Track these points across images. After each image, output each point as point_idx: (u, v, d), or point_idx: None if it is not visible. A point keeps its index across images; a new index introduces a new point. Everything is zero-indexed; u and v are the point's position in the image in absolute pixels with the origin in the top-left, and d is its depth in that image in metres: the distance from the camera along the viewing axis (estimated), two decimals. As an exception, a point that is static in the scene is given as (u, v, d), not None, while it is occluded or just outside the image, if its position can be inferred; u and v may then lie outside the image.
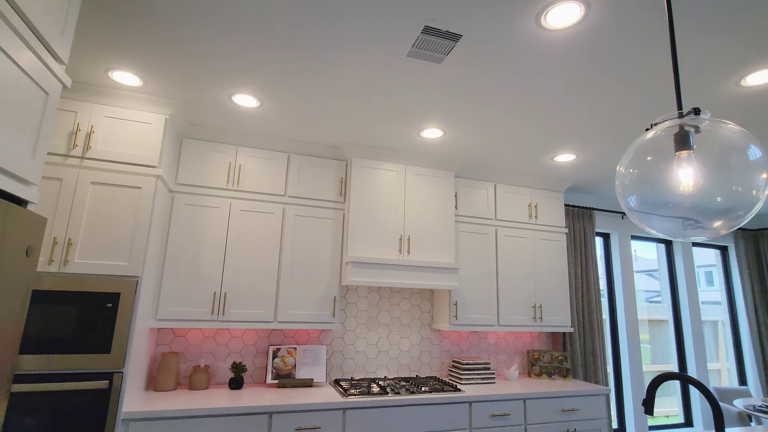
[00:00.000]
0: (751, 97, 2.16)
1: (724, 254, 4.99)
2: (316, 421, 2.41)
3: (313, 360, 2.95)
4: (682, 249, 4.61)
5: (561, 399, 3.01)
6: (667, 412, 5.19)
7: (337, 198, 3.04)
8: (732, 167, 0.89)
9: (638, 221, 1.01)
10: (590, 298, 3.80)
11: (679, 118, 0.95)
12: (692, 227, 0.92)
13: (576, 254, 3.87)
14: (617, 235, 4.29)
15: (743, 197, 0.87)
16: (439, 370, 3.37)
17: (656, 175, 0.94)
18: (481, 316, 3.24)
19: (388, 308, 3.31)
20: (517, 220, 3.50)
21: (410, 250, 3.03)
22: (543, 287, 3.47)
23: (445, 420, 2.67)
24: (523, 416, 2.88)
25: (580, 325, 3.75)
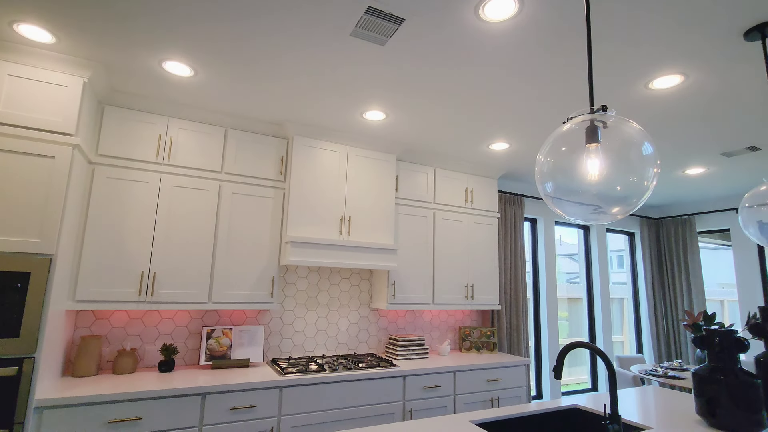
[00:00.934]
0: (658, 99, 2.42)
1: (631, 239, 5.61)
2: (251, 400, 2.40)
3: (249, 340, 2.91)
4: (597, 235, 5.10)
5: (487, 370, 3.25)
6: (578, 380, 5.80)
7: (278, 177, 2.97)
8: (630, 160, 1.02)
9: (553, 206, 1.12)
10: (517, 278, 4.11)
11: (590, 114, 1.06)
12: (596, 212, 1.04)
13: (506, 237, 4.14)
14: (543, 220, 4.64)
15: (637, 187, 1.00)
16: (376, 347, 3.48)
17: (569, 164, 1.05)
18: (418, 296, 3.38)
19: (328, 288, 3.35)
20: (454, 204, 3.66)
21: (351, 230, 3.07)
22: (475, 268, 3.69)
23: (381, 393, 2.79)
24: (453, 387, 3.09)
25: (506, 303, 4.05)
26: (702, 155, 3.39)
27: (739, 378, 1.76)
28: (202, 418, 2.29)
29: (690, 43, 1.87)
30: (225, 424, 2.32)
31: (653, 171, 0.99)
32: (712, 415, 1.80)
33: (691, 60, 2.00)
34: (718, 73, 2.11)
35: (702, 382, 1.85)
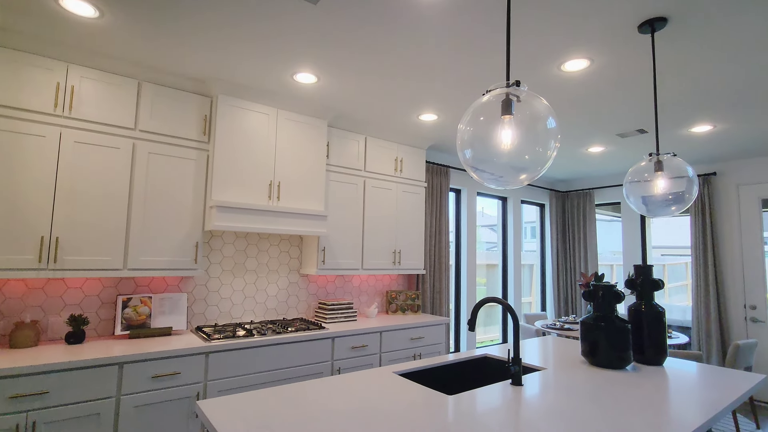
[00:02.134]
0: (570, 80, 2.66)
1: (542, 211, 6.19)
2: (175, 367, 2.35)
3: (171, 308, 2.80)
4: (513, 206, 5.56)
5: (410, 329, 3.48)
6: (492, 337, 6.43)
7: (201, 137, 2.80)
8: (537, 132, 1.15)
9: (471, 172, 1.23)
10: (441, 244, 4.37)
11: (506, 88, 1.16)
12: (506, 178, 1.17)
13: (432, 206, 4.36)
14: (466, 191, 4.94)
15: (541, 156, 1.13)
16: (306, 312, 3.54)
17: (486, 133, 1.15)
18: (347, 261, 3.46)
19: (256, 254, 3.29)
20: (384, 173, 3.75)
21: (280, 196, 3.02)
22: (403, 235, 3.85)
23: (310, 355, 2.87)
24: (379, 346, 3.27)
25: (431, 268, 4.31)
26: (602, 135, 3.81)
27: (615, 324, 2.10)
28: (120, 388, 2.19)
29: (594, 30, 2.07)
30: (146, 393, 2.25)
31: (554, 144, 1.13)
32: (593, 355, 2.14)
33: (595, 46, 2.22)
34: (617, 60, 2.37)
35: (587, 329, 2.18)
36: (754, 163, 4.44)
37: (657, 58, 2.31)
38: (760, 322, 4.31)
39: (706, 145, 4.05)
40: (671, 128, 3.55)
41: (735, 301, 4.47)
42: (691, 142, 3.94)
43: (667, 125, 3.48)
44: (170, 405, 2.33)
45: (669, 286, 10.57)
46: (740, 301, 4.43)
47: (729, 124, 3.39)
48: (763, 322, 4.29)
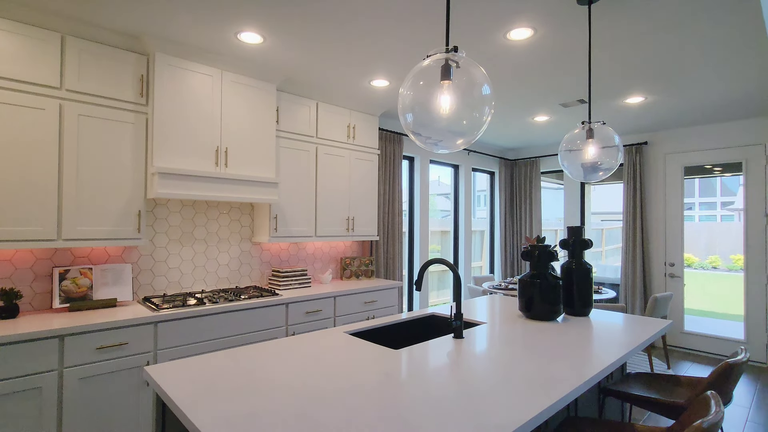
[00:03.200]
0: (515, 48, 2.73)
1: (492, 178, 6.43)
2: (122, 337, 2.30)
3: (115, 279, 2.70)
4: (464, 174, 5.72)
5: (364, 293, 3.59)
6: (444, 300, 6.75)
7: (137, 99, 2.63)
8: (474, 98, 1.20)
9: (412, 137, 1.27)
10: (394, 211, 4.45)
11: (446, 53, 1.19)
12: (444, 142, 1.22)
13: (385, 173, 4.40)
14: (419, 158, 5.01)
15: (477, 122, 1.19)
16: (259, 280, 3.53)
17: (425, 98, 1.19)
18: (300, 229, 3.46)
19: (205, 223, 3.21)
20: (337, 140, 3.72)
21: (228, 162, 2.93)
22: (356, 202, 3.89)
23: (264, 321, 2.90)
24: (333, 310, 3.36)
25: (384, 235, 4.40)
26: (546, 104, 3.97)
27: (548, 281, 2.29)
28: (62, 361, 2.13)
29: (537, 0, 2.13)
30: (92, 364, 2.20)
31: (489, 110, 1.18)
32: (528, 309, 2.34)
33: (538, 15, 2.29)
34: (558, 30, 2.46)
35: (524, 286, 2.36)
36: (680, 133, 4.82)
37: (593, 29, 2.42)
38: (677, 278, 4.83)
39: (638, 116, 4.34)
40: (607, 99, 3.76)
41: (657, 259, 4.96)
42: (625, 112, 4.20)
43: (603, 96, 3.68)
44: (119, 375, 2.29)
45: (606, 248, 11.49)
46: (661, 259, 4.93)
47: (659, 96, 3.65)
48: (679, 277, 4.82)
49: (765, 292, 4.28)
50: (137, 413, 2.36)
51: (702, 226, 17.02)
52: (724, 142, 4.52)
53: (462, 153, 5.63)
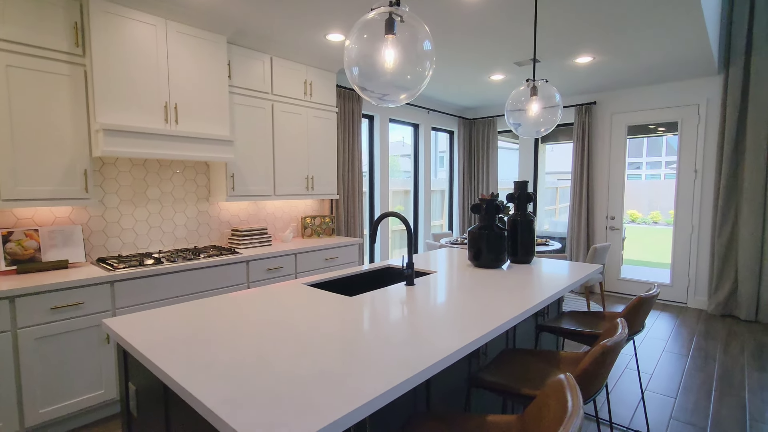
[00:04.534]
0: (470, 4, 2.75)
1: (451, 138, 6.54)
2: (77, 297, 2.28)
3: (64, 241, 2.63)
4: (424, 133, 5.79)
5: (325, 250, 3.68)
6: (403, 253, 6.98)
7: (73, 49, 2.46)
8: (417, 53, 1.25)
9: (359, 90, 1.31)
10: (354, 170, 4.49)
11: (389, 6, 1.22)
12: (389, 96, 1.27)
13: (345, 132, 4.39)
14: (379, 117, 5.01)
15: (419, 76, 1.24)
16: (219, 240, 3.53)
17: (370, 51, 1.23)
18: (259, 188, 3.45)
19: (158, 183, 3.13)
20: (293, 97, 3.65)
21: (178, 119, 2.84)
22: (315, 160, 3.89)
23: (225, 279, 2.94)
24: (294, 267, 3.44)
25: (345, 193, 4.46)
26: (501, 63, 4.04)
27: (495, 232, 2.46)
28: (14, 322, 2.10)
29: (490, -45, 2.14)
30: (47, 324, 2.19)
31: (430, 65, 1.24)
32: (477, 259, 2.51)
33: (491, -28, 2.30)
34: (511, -12, 2.49)
35: (473, 238, 2.52)
36: (625, 93, 5.07)
37: (544, -13, 2.47)
38: (616, 230, 5.25)
39: (588, 77, 4.52)
40: (558, 59, 3.88)
41: (600, 213, 5.34)
42: (576, 73, 4.36)
43: (554, 55, 3.79)
44: (78, 334, 2.30)
45: (560, 206, 12.12)
46: (604, 213, 5.31)
47: (606, 56, 3.80)
48: (618, 229, 5.24)
49: (690, 241, 4.76)
50: (99, 370, 2.39)
51: (647, 184, 18.18)
52: (664, 103, 4.81)
53: (422, 112, 5.67)
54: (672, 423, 2.41)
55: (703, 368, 3.14)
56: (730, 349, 3.50)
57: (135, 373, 1.40)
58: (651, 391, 2.79)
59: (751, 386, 2.85)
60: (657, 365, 3.20)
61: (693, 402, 2.65)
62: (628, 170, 5.15)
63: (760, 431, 2.33)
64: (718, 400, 2.67)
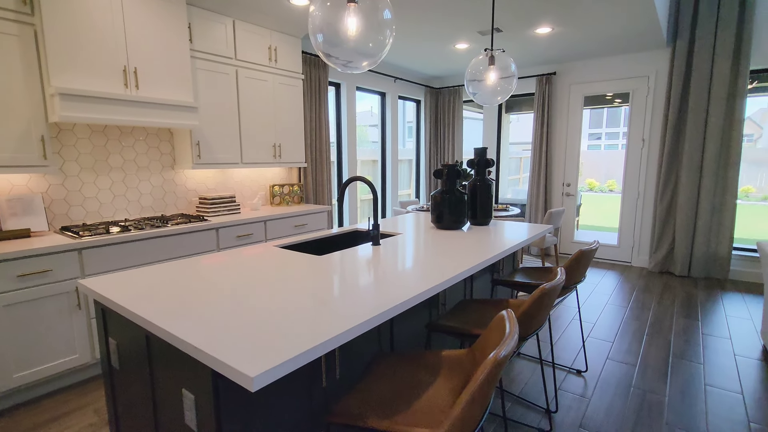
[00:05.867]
0: (432, -27, 2.79)
1: (418, 107, 6.61)
2: (44, 265, 2.28)
3: (24, 210, 2.58)
4: (391, 102, 5.82)
5: (294, 218, 3.76)
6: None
7: (20, 8, 2.33)
8: (378, 21, 1.32)
9: (324, 57, 1.38)
10: (321, 138, 4.52)
11: (351, -24, 1.28)
12: (351, 65, 1.35)
13: (311, 100, 4.38)
14: (346, 85, 5.00)
15: (381, 44, 1.33)
16: (186, 208, 3.52)
17: (333, 18, 1.29)
18: (226, 155, 3.44)
19: (120, 150, 3.07)
20: (258, 62, 3.60)
21: (139, 84, 2.77)
22: (282, 128, 3.89)
23: (195, 246, 2.98)
24: (264, 234, 3.51)
25: (313, 162, 4.49)
26: (465, 33, 4.11)
27: (456, 196, 2.62)
28: (-20, 289, 2.10)
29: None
30: (15, 292, 2.19)
31: (390, 33, 1.32)
32: (439, 221, 2.68)
33: (453, -60, 2.34)
34: (472, -43, 2.54)
35: (435, 201, 2.68)
36: (582, 64, 5.28)
37: (504, -43, 2.54)
38: (571, 196, 5.59)
39: (548, 48, 4.67)
40: (519, 29, 3.99)
41: (557, 180, 5.65)
42: (537, 43, 4.49)
43: (515, 26, 3.90)
44: (48, 301, 2.31)
45: (524, 176, 12.56)
46: (561, 180, 5.62)
47: (565, 27, 3.95)
48: (573, 195, 5.57)
49: (636, 206, 5.15)
50: (72, 336, 2.43)
51: (605, 154, 19.00)
52: (618, 74, 5.06)
53: (388, 80, 5.69)
54: (608, 362, 2.74)
55: (639, 317, 3.52)
56: (664, 301, 3.92)
57: (115, 328, 1.48)
58: (593, 337, 3.13)
59: (677, 330, 3.24)
60: (600, 316, 3.56)
61: (627, 344, 3.00)
62: (588, 141, 5.45)
63: (678, 365, 2.69)
64: (648, 342, 3.03)
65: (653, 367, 2.67)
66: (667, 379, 2.51)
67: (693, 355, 2.83)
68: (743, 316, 3.52)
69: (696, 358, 2.79)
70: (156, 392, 1.29)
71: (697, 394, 2.36)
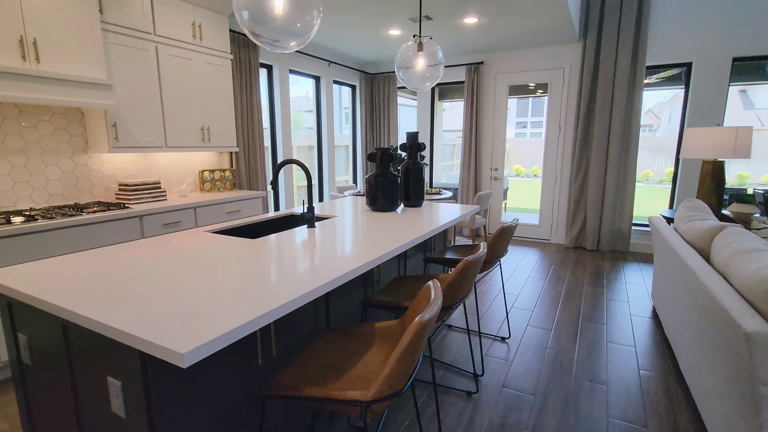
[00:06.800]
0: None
1: (353, 92, 6.60)
2: (-72, 260, 2.01)
3: None
4: (325, 86, 5.76)
5: (227, 204, 3.63)
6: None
7: None
8: (305, 1, 1.33)
9: (250, 35, 1.36)
10: (254, 122, 4.37)
11: (276, -47, 1.27)
12: (279, 44, 1.35)
13: (242, 81, 4.21)
14: (278, 67, 4.86)
15: (309, 24, 1.34)
16: (104, 195, 3.26)
17: (259, -4, 1.28)
18: (148, 138, 3.22)
19: (20, 132, 2.75)
20: (181, 39, 3.38)
21: (40, 57, 2.49)
22: (210, 111, 3.70)
23: (117, 235, 2.78)
24: (195, 221, 3.36)
25: (245, 147, 4.34)
26: (397, 19, 4.18)
27: (389, 178, 2.70)
28: None
29: None
30: None
31: (317, 14, 1.34)
32: (374, 203, 2.75)
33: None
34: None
35: (370, 184, 2.74)
36: (507, 55, 5.60)
37: (431, -54, 2.62)
38: (498, 180, 5.96)
39: (476, 37, 4.89)
40: (448, 17, 4.14)
41: (486, 165, 5.99)
42: (466, 32, 4.68)
43: (444, 14, 4.03)
44: (-65, 301, 2.04)
45: (458, 162, 13.07)
46: (489, 165, 5.97)
47: (490, 18, 4.16)
48: (500, 179, 5.95)
49: (554, 189, 5.63)
50: (-30, 338, 2.18)
51: (531, 141, 20.32)
52: (538, 66, 5.45)
53: (322, 64, 5.61)
54: (528, 329, 3.02)
55: (555, 287, 3.90)
56: (576, 272, 4.37)
57: (25, 322, 1.37)
58: (516, 307, 3.42)
59: (586, 297, 3.65)
60: (522, 288, 3.89)
61: (545, 312, 3.32)
62: (516, 129, 5.81)
63: (586, 327, 3.05)
64: (562, 309, 3.39)
65: (566, 330, 3.00)
66: (576, 340, 2.84)
67: (598, 317, 3.22)
68: (639, 282, 4.05)
69: (600, 320, 3.17)
70: (77, 385, 1.22)
71: (601, 350, 2.70)
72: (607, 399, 2.17)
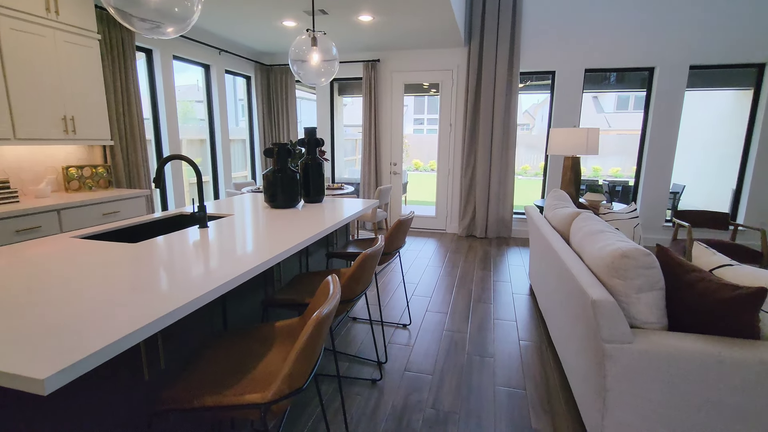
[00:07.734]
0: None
1: (248, 83, 6.27)
2: None
3: None
4: (217, 76, 5.38)
5: (101, 205, 3.20)
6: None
7: None
8: (184, -15, 1.23)
9: (115, 13, 1.22)
10: (132, 112, 3.90)
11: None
12: (157, 27, 1.23)
13: (115, 66, 3.72)
14: (159, 52, 4.40)
15: (188, 10, 1.24)
16: (-76, 199, 2.63)
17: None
18: (-12, 129, 2.68)
19: None
20: (29, 12, 2.86)
21: None
22: (75, 98, 3.21)
23: (-56, 247, 2.27)
24: (59, 226, 2.89)
25: (123, 140, 3.86)
26: (291, 10, 4.08)
27: (288, 174, 2.65)
28: None
29: None
30: None
31: (198, 3, 1.25)
32: (273, 200, 2.67)
33: None
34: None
35: (268, 181, 2.65)
36: (402, 54, 5.84)
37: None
38: (398, 174, 6.21)
39: (372, 36, 5.00)
40: (343, 14, 4.17)
41: (386, 160, 6.19)
42: (361, 30, 4.76)
43: (339, 10, 4.05)
44: None
45: (359, 157, 13.25)
46: (388, 160, 6.18)
47: (384, 17, 4.28)
48: (399, 174, 6.21)
49: (447, 182, 6.06)
50: None
51: (428, 137, 21.46)
52: (430, 66, 5.78)
53: (213, 52, 5.22)
54: (427, 314, 3.23)
55: (450, 273, 4.23)
56: (468, 258, 4.78)
57: None
58: (416, 295, 3.63)
59: (476, 281, 4.02)
60: (421, 277, 4.13)
61: (441, 297, 3.58)
62: (414, 125, 6.07)
63: (477, 307, 3.37)
64: (456, 293, 3.68)
65: (459, 312, 3.28)
66: (468, 320, 3.12)
67: (486, 298, 3.58)
68: (519, 264, 4.58)
69: (488, 300, 3.53)
70: None
71: (489, 326, 3.01)
72: (494, 370, 2.44)
